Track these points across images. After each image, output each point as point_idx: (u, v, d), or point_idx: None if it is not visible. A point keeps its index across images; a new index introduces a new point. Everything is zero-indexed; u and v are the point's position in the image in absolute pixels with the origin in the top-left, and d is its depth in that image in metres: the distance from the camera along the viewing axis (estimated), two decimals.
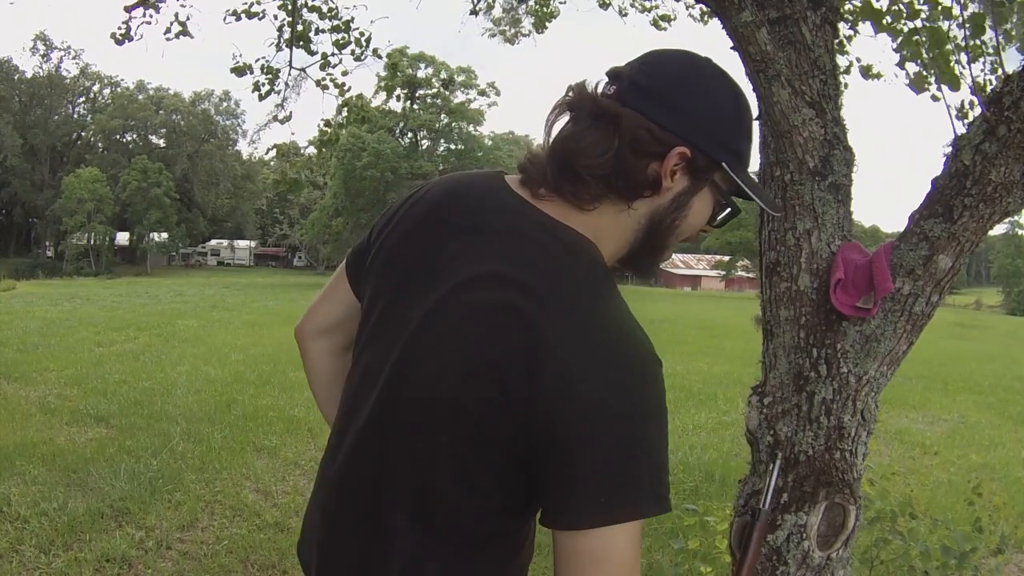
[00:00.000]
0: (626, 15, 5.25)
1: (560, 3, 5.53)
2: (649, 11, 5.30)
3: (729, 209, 0.97)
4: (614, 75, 0.92)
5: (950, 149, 1.41)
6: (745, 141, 0.94)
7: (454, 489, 0.90)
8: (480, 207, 0.96)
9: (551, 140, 0.94)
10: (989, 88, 1.64)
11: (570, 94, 0.93)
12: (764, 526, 1.28)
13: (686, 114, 0.89)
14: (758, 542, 1.31)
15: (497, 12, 5.87)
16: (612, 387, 0.82)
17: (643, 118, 0.88)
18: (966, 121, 1.47)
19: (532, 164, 0.95)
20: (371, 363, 0.98)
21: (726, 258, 52.44)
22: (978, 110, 1.46)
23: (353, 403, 1.01)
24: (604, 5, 5.17)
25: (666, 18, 5.29)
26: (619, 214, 0.92)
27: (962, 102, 1.66)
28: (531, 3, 5.63)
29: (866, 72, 3.18)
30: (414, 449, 0.92)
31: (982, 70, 1.88)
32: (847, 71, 3.28)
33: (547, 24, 5.63)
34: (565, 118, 0.93)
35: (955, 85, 1.61)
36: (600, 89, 0.92)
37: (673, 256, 79.80)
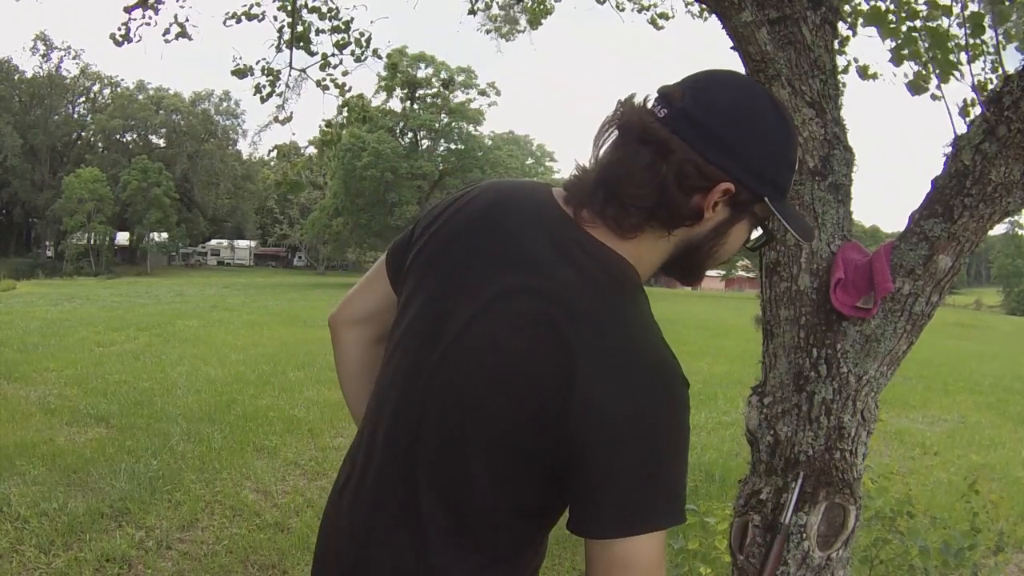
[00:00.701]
0: (623, 10, 5.24)
1: (555, 1, 5.52)
2: (647, 9, 5.29)
3: (764, 234, 0.99)
4: (665, 97, 0.90)
5: (950, 149, 1.41)
6: (788, 173, 0.94)
7: (482, 492, 0.92)
8: (526, 219, 0.97)
9: (599, 161, 0.94)
10: (991, 87, 1.64)
11: (620, 110, 0.92)
12: (784, 540, 1.29)
13: (735, 150, 0.88)
14: (778, 554, 1.31)
15: (494, 10, 5.88)
16: (641, 410, 0.85)
17: (692, 151, 0.87)
18: (968, 119, 1.47)
19: (579, 183, 0.96)
20: (406, 362, 0.99)
21: None
22: (977, 109, 1.46)
23: (386, 399, 1.02)
24: (601, 1, 5.17)
25: (664, 16, 5.29)
26: (658, 240, 0.94)
27: (964, 100, 1.66)
28: (527, 1, 5.62)
29: (863, 72, 3.17)
30: (448, 452, 0.94)
31: (983, 68, 1.88)
32: (844, 71, 3.28)
33: (542, 21, 5.63)
34: (614, 135, 0.93)
35: (947, 79, 1.61)
36: (650, 107, 0.91)
37: None
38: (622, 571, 0.84)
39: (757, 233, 1.00)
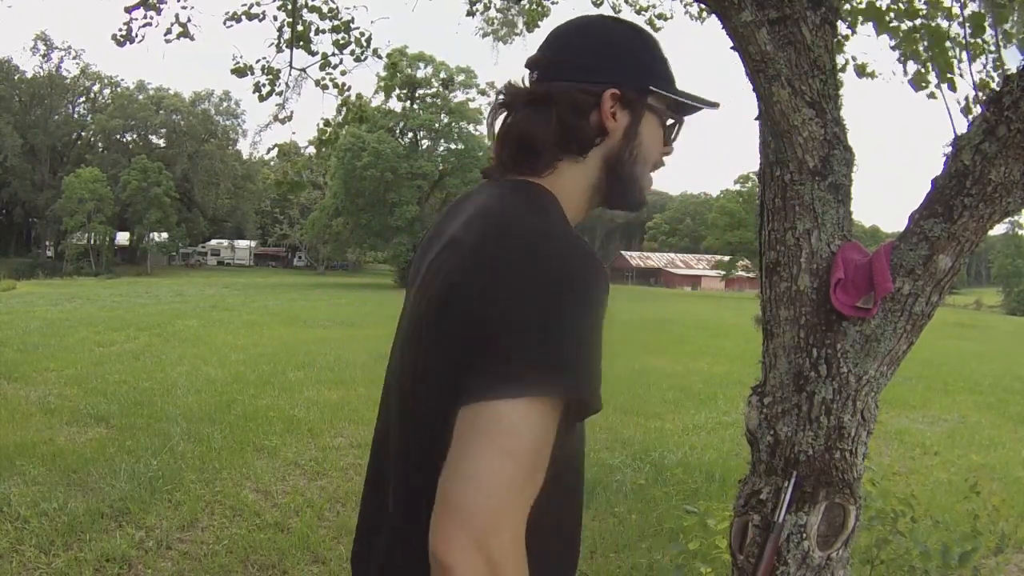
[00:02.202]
0: (619, 11, 5.23)
1: (552, 3, 5.52)
2: (645, 11, 5.29)
3: (676, 124, 1.07)
4: (532, 64, 1.04)
5: (950, 149, 1.41)
6: (660, 63, 1.04)
7: (428, 463, 0.86)
8: (465, 207, 1.02)
9: (498, 134, 1.04)
10: (992, 85, 1.64)
11: (501, 93, 1.04)
12: (777, 538, 1.29)
13: (599, 61, 1.00)
14: (771, 553, 1.31)
15: (492, 13, 5.87)
16: (527, 278, 0.83)
17: (567, 83, 0.99)
18: (970, 117, 1.47)
19: (491, 163, 1.06)
20: (386, 375, 1.06)
21: (726, 258, 52.38)
22: (978, 109, 1.46)
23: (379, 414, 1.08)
24: (598, 3, 5.17)
25: (662, 17, 5.28)
26: (576, 167, 1.01)
27: (966, 98, 1.66)
28: (524, 4, 5.62)
29: (861, 71, 3.17)
30: (396, 439, 0.97)
31: (984, 66, 1.88)
32: (842, 69, 3.27)
33: (539, 23, 5.63)
34: (503, 114, 1.04)
35: (952, 85, 1.61)
36: (527, 82, 1.03)
37: (673, 256, 79.85)
38: (472, 434, 0.77)
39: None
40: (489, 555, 0.75)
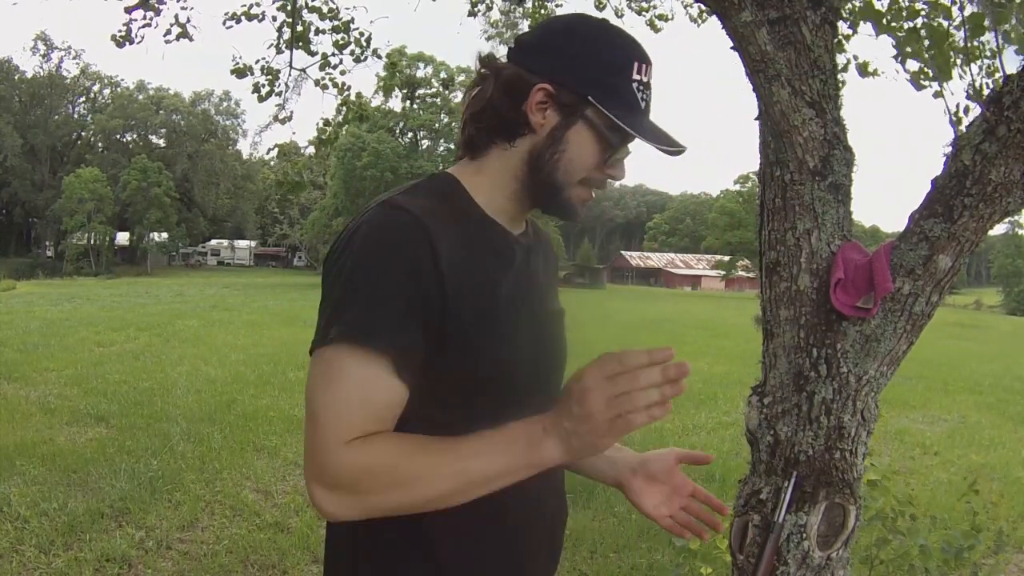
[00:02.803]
0: (621, 16, 5.24)
1: (556, 6, 5.52)
2: (646, 12, 5.29)
3: (614, 146, 1.00)
4: (514, 41, 1.04)
5: (950, 149, 1.41)
6: (623, 81, 0.98)
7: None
8: None
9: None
10: (986, 91, 1.64)
11: (482, 68, 1.04)
12: (777, 538, 1.29)
13: (550, 55, 0.98)
14: (771, 553, 1.31)
15: (495, 15, 5.87)
16: (343, 237, 0.95)
17: (514, 65, 0.99)
18: (960, 126, 1.47)
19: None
20: None
21: (726, 258, 52.38)
22: (973, 114, 1.46)
23: None
24: (600, 6, 5.17)
25: (663, 18, 5.29)
26: (503, 154, 1.01)
27: (957, 105, 1.66)
28: (528, 7, 5.62)
29: (863, 70, 3.16)
30: None
31: (979, 71, 1.87)
32: (844, 69, 3.26)
33: None
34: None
35: (947, 77, 1.62)
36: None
37: (673, 256, 79.79)
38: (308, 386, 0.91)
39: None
40: (324, 481, 0.88)
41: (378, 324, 0.88)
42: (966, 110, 1.61)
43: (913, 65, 1.89)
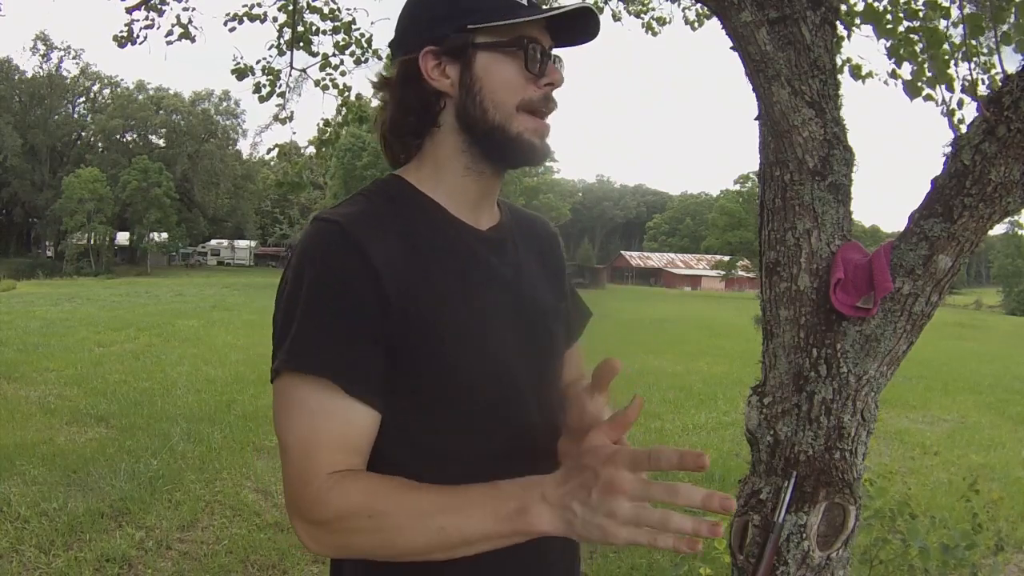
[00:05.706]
0: (619, 19, 5.25)
1: None
2: (644, 14, 5.30)
3: (533, 51, 0.94)
4: (388, 49, 1.05)
5: (950, 149, 1.41)
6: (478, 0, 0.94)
7: None
8: None
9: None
10: (980, 87, 1.64)
11: (379, 88, 1.03)
12: (777, 538, 1.29)
13: (413, 25, 0.97)
14: (771, 553, 1.31)
15: None
16: (288, 257, 0.96)
17: (400, 61, 0.97)
18: (956, 124, 1.47)
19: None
20: None
21: (726, 258, 52.38)
22: (968, 109, 1.46)
23: None
24: (598, 10, 5.18)
25: (660, 21, 5.30)
26: (438, 139, 0.98)
27: (951, 111, 1.65)
28: None
29: (856, 72, 3.17)
30: None
31: (973, 69, 1.87)
32: (839, 70, 3.26)
33: None
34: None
35: (951, 86, 1.61)
36: None
37: (673, 256, 79.79)
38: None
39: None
40: (301, 515, 0.85)
41: (315, 346, 0.86)
42: (960, 103, 1.60)
43: (907, 70, 1.89)
